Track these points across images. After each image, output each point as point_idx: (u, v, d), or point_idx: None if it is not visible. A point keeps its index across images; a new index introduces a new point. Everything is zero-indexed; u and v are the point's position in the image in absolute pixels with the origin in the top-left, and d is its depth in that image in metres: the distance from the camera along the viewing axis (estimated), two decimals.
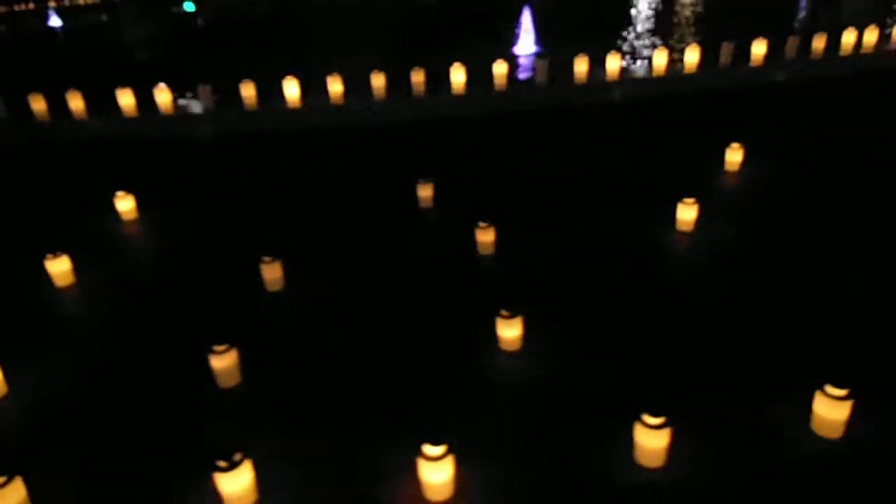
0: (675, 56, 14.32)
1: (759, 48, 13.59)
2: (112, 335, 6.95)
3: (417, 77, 12.69)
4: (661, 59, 13.36)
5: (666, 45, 17.49)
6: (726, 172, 10.25)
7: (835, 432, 4.97)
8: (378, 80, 12.63)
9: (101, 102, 12.55)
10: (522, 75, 14.07)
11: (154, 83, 12.66)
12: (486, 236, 8.11)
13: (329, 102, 12.59)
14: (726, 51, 13.48)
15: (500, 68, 12.90)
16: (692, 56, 13.54)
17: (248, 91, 12.45)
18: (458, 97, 12.76)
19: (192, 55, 20.61)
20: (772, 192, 9.55)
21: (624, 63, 13.48)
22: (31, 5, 34.28)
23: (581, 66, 13.04)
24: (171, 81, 13.08)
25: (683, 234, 8.47)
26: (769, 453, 4.95)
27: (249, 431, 5.40)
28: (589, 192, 9.70)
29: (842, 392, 4.87)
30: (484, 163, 10.90)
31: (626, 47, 13.99)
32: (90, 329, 7.13)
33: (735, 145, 10.24)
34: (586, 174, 10.28)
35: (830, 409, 4.90)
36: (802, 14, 22.41)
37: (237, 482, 4.52)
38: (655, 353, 6.16)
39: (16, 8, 34.68)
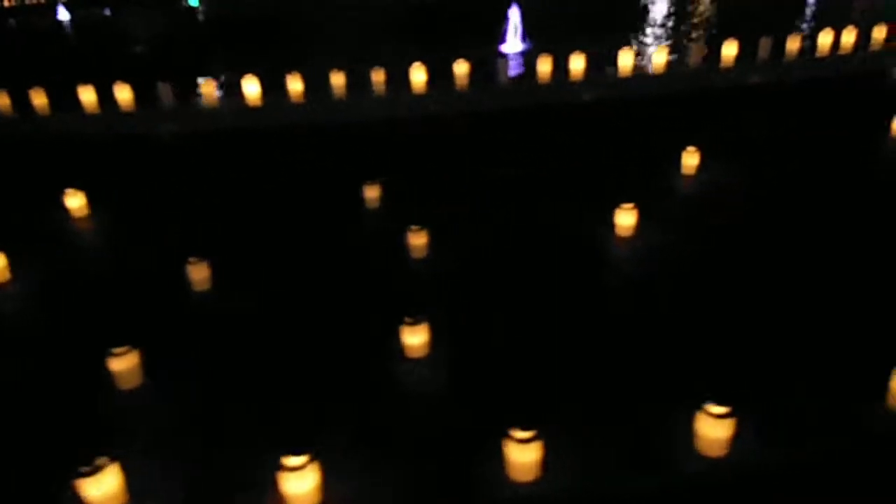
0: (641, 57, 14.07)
1: (729, 49, 13.32)
2: (35, 333, 6.98)
3: (378, 76, 12.61)
4: (627, 59, 13.15)
5: (638, 45, 17.22)
6: (683, 176, 10.06)
7: (719, 451, 4.85)
8: (338, 79, 12.57)
9: (74, 98, 12.58)
10: (494, 74, 13.83)
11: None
12: (417, 240, 8.03)
13: (289, 100, 12.55)
14: (697, 51, 13.25)
15: (460, 68, 12.78)
16: (660, 57, 13.33)
17: (207, 88, 12.46)
18: (418, 96, 12.65)
19: (188, 52, 20.75)
20: (723, 198, 9.34)
21: (592, 62, 13.23)
22: None
23: (545, 65, 12.87)
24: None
25: (622, 239, 8.33)
26: (653, 471, 4.86)
27: (137, 434, 5.40)
28: (539, 194, 9.55)
29: (723, 410, 4.75)
30: (438, 164, 10.80)
31: (597, 47, 13.68)
32: (19, 326, 7.20)
33: (691, 149, 10.03)
34: (541, 176, 10.12)
35: (713, 428, 4.78)
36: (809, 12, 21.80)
37: (100, 487, 4.50)
38: (557, 365, 6.05)
39: (27, 1, 34.93)
